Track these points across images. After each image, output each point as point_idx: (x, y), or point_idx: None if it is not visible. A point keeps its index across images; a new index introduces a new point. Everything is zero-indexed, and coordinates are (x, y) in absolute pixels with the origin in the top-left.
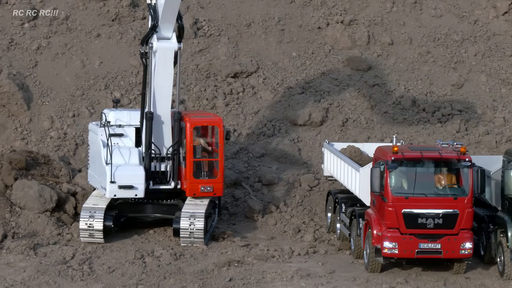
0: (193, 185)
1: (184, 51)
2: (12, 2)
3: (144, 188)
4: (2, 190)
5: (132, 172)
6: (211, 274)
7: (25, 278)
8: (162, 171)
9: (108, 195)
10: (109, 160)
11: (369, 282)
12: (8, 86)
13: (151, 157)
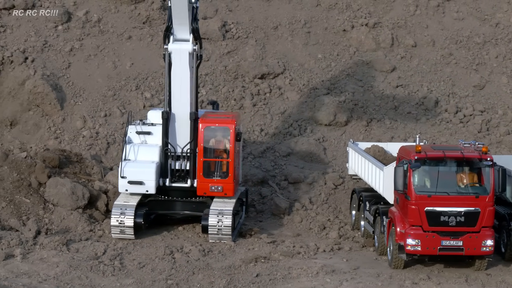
0: (203, 184)
1: (212, 53)
2: (46, 5)
3: (155, 184)
4: (36, 188)
5: (142, 168)
6: (239, 269)
7: (58, 273)
8: (182, 169)
9: (120, 190)
10: (126, 156)
11: (393, 278)
12: (42, 86)
13: (167, 155)
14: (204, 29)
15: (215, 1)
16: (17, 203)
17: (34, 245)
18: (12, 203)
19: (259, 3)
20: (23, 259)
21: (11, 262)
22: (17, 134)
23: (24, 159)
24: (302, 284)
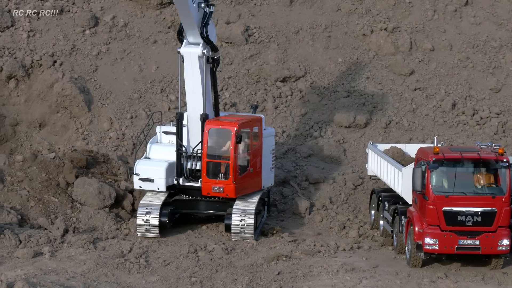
0: (206, 184)
1: (235, 56)
2: (74, 10)
3: (164, 182)
4: (64, 187)
5: (153, 166)
6: (261, 267)
7: (85, 270)
8: (195, 169)
9: (134, 186)
10: (147, 155)
11: (411, 276)
12: (70, 89)
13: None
14: (227, 34)
15: (238, 6)
16: (45, 202)
17: (62, 243)
18: (40, 202)
19: (281, 8)
20: (51, 257)
21: (39, 259)
22: (46, 135)
23: (52, 160)
24: (322, 282)
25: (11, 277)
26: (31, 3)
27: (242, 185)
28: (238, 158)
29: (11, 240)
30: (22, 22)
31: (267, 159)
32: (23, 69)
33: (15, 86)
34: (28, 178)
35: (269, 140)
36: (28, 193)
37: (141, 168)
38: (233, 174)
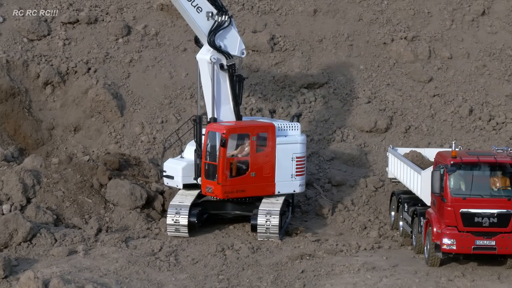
0: (203, 184)
1: (261, 64)
2: (108, 20)
3: (181, 180)
4: (97, 189)
5: (174, 164)
6: (285, 266)
7: (117, 268)
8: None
9: (164, 183)
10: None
11: (429, 275)
12: (103, 95)
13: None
14: (253, 42)
15: (264, 16)
16: (80, 203)
17: (95, 242)
18: (75, 203)
19: (305, 17)
20: (85, 255)
21: (74, 257)
22: (81, 139)
23: (86, 162)
24: (344, 280)
25: (47, 274)
26: (67, 13)
27: (235, 188)
28: (228, 161)
29: (47, 239)
30: (58, 31)
31: (286, 166)
32: (59, 76)
33: (52, 92)
34: (63, 180)
35: (290, 147)
36: (63, 194)
37: (166, 166)
38: (220, 175)
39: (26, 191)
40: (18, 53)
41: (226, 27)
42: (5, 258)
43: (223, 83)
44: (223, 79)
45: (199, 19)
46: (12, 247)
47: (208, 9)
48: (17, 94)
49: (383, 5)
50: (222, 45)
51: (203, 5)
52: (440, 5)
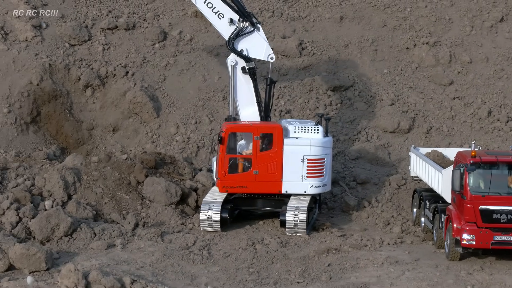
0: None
1: (290, 68)
2: (145, 26)
3: (215, 175)
4: (134, 186)
5: (214, 162)
6: (312, 260)
7: (153, 261)
8: None
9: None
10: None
11: (449, 269)
12: (141, 97)
13: None
14: (283, 47)
15: (293, 23)
16: (118, 199)
17: (132, 236)
18: (114, 199)
19: (332, 24)
20: (123, 249)
21: (112, 251)
22: (119, 138)
23: (124, 161)
24: (368, 273)
25: (87, 266)
26: (106, 19)
27: (235, 183)
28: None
29: (87, 233)
30: (98, 37)
31: (295, 167)
32: (99, 79)
33: (92, 94)
34: (102, 177)
35: (299, 149)
36: (102, 190)
37: (212, 162)
38: (219, 171)
39: (67, 188)
40: (60, 58)
41: (249, 33)
42: (47, 251)
43: (246, 84)
44: (246, 81)
45: (220, 25)
46: (54, 241)
47: (230, 15)
48: (59, 96)
49: (406, 12)
50: (244, 49)
51: (225, 11)
52: (460, 12)
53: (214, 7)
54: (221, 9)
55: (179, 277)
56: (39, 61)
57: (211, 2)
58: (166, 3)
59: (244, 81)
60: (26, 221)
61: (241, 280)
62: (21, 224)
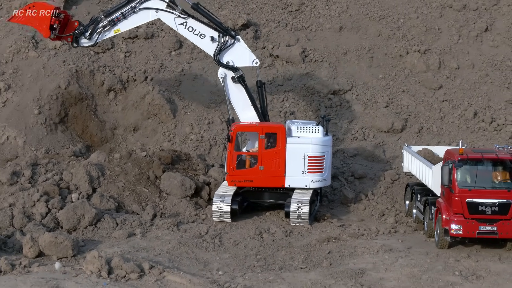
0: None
1: (294, 73)
2: (162, 35)
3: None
4: (153, 180)
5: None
6: (314, 247)
7: (170, 248)
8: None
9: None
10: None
11: (439, 256)
12: (158, 100)
13: None
14: (287, 55)
15: (296, 32)
16: (138, 192)
17: (151, 226)
18: (134, 192)
19: (332, 33)
20: (142, 237)
21: (132, 239)
22: (139, 137)
23: (144, 157)
24: (365, 260)
25: (110, 253)
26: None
27: (243, 178)
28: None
29: (110, 223)
30: (120, 45)
31: (297, 163)
32: (121, 83)
33: (114, 97)
34: (124, 172)
35: (301, 147)
36: (123, 184)
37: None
38: (227, 166)
39: (92, 182)
40: (85, 64)
41: (231, 45)
42: (73, 239)
43: (239, 92)
44: (238, 88)
45: (204, 44)
46: (79, 230)
47: (210, 34)
48: (84, 99)
49: (399, 23)
50: (230, 61)
51: (206, 31)
52: (448, 22)
53: (195, 30)
54: (201, 30)
55: (193, 263)
56: (67, 67)
57: (191, 26)
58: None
59: (236, 89)
60: (54, 212)
61: (249, 266)
62: (50, 215)
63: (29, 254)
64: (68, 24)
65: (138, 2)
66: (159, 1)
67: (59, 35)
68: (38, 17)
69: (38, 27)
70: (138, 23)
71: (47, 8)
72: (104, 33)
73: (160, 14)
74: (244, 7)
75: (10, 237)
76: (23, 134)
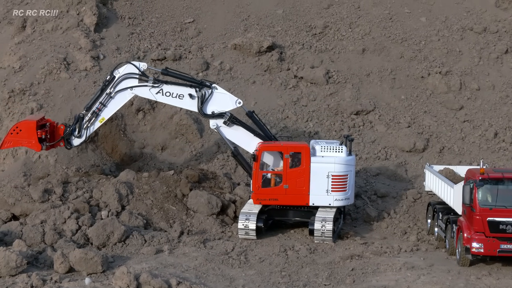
0: None
1: (318, 94)
2: (190, 57)
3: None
4: (180, 198)
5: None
6: (338, 264)
7: (196, 265)
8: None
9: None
10: None
11: (460, 273)
12: (186, 120)
13: None
14: (311, 76)
15: (320, 54)
16: (165, 210)
17: (178, 242)
18: (162, 210)
19: (355, 55)
20: (170, 254)
21: (160, 256)
22: (167, 156)
23: (171, 176)
24: (388, 277)
25: (138, 269)
26: (156, 51)
27: (268, 196)
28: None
29: (138, 240)
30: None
31: (321, 182)
32: (149, 104)
33: (143, 117)
34: (152, 190)
35: (325, 166)
36: (152, 202)
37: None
38: (253, 185)
39: (121, 199)
40: None
41: (210, 95)
42: (103, 255)
43: (238, 131)
44: (235, 129)
45: (184, 103)
46: (109, 247)
47: (187, 92)
48: (114, 119)
49: (421, 45)
50: (214, 110)
51: (183, 91)
52: (469, 44)
53: (172, 93)
54: (178, 91)
55: (219, 279)
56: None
57: (168, 91)
58: (208, 37)
59: (234, 130)
60: (84, 229)
61: (274, 282)
62: (80, 232)
63: (60, 270)
64: (56, 130)
65: (112, 87)
66: (130, 79)
67: (50, 144)
68: (25, 135)
69: (28, 145)
70: (119, 106)
71: (30, 124)
72: (90, 127)
73: (135, 90)
74: (270, 29)
75: (42, 253)
76: (55, 152)
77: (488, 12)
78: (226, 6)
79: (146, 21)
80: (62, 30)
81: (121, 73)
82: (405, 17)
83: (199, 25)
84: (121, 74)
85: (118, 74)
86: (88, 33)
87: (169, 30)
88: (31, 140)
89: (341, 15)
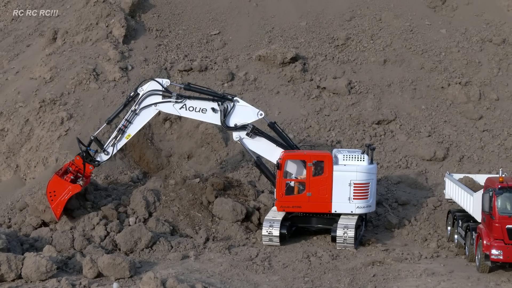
0: None
1: (340, 104)
2: (216, 68)
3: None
4: (206, 205)
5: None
6: (360, 271)
7: (221, 271)
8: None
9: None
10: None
11: (480, 280)
12: (211, 129)
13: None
14: (334, 86)
15: (343, 65)
16: (191, 217)
17: (204, 248)
18: (188, 216)
19: (376, 66)
20: (195, 259)
21: (186, 261)
22: (193, 164)
23: (197, 183)
24: (409, 283)
25: (164, 274)
26: (183, 62)
27: (291, 203)
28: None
29: (165, 246)
30: (175, 77)
31: (343, 190)
32: None
33: (170, 126)
34: (178, 198)
35: (347, 174)
36: (178, 209)
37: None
38: (277, 192)
39: (148, 206)
40: None
41: (232, 108)
42: (130, 261)
43: (261, 142)
44: (258, 140)
45: (208, 117)
46: (136, 252)
47: (210, 106)
48: (142, 128)
49: (441, 56)
50: (237, 122)
51: (205, 105)
52: (488, 56)
53: (195, 108)
54: (201, 105)
55: (244, 285)
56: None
57: (191, 106)
58: (234, 49)
59: (257, 142)
60: (113, 235)
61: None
62: (109, 238)
63: (89, 275)
64: (76, 164)
65: (136, 104)
66: (154, 96)
67: (83, 176)
68: (61, 190)
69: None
70: (144, 122)
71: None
72: (117, 144)
73: (159, 106)
74: (293, 41)
75: (71, 259)
76: None
77: (507, 24)
78: (251, 19)
79: (173, 33)
80: (92, 41)
81: (145, 90)
82: (425, 29)
83: (225, 36)
84: (145, 91)
85: (142, 91)
86: (117, 44)
87: (196, 42)
88: (68, 189)
89: (363, 27)
